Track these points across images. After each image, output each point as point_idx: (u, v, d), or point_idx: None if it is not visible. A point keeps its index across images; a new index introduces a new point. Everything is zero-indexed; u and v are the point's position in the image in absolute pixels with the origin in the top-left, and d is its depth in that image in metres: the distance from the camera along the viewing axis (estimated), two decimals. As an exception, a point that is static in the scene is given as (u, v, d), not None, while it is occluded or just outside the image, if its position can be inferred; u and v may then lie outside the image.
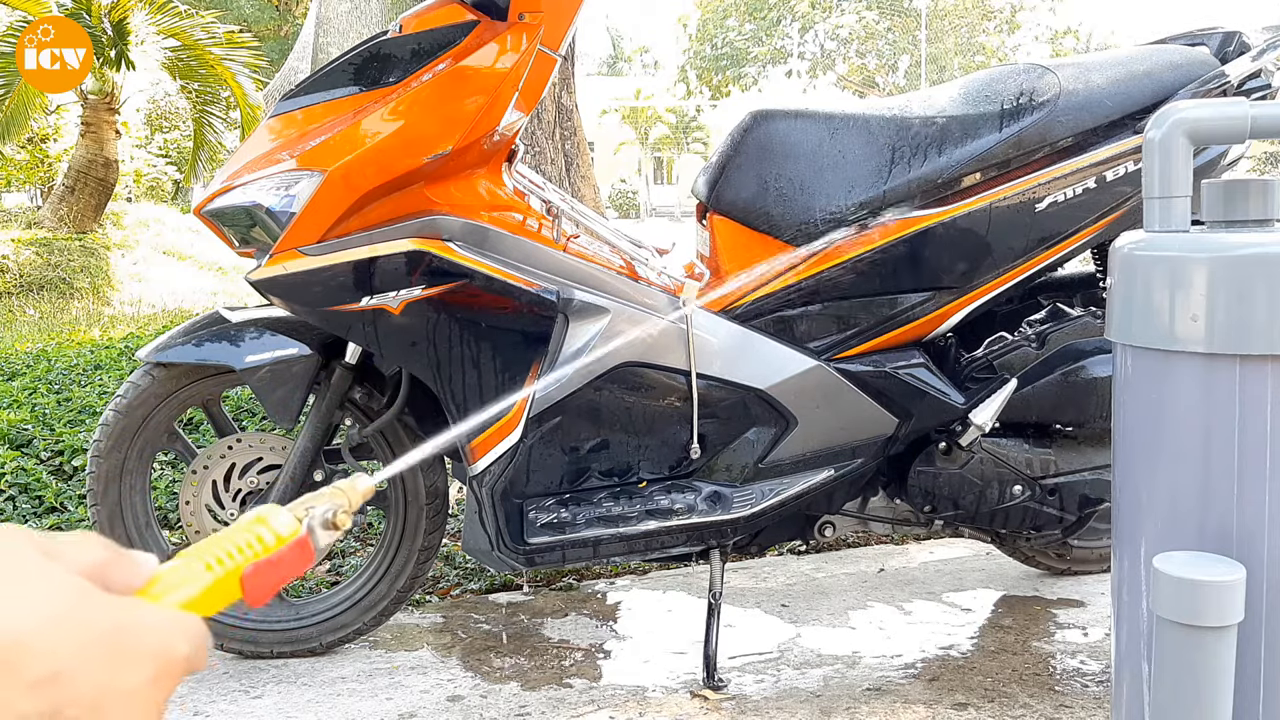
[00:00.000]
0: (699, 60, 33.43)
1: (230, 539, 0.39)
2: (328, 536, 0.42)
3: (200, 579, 0.37)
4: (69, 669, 0.29)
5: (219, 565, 0.38)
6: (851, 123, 1.65)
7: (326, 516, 0.42)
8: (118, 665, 0.31)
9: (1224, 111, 1.02)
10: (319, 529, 0.41)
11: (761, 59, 32.58)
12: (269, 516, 0.40)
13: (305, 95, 1.60)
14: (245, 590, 0.38)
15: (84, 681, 0.30)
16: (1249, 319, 0.94)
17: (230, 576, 0.38)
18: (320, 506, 0.42)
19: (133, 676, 0.31)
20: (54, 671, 0.29)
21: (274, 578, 0.39)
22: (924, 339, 1.70)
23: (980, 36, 31.33)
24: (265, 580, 0.39)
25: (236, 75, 7.78)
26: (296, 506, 0.42)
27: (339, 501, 0.43)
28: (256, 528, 0.40)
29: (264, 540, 0.39)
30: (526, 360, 1.61)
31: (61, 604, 0.30)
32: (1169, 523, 1.01)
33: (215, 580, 0.38)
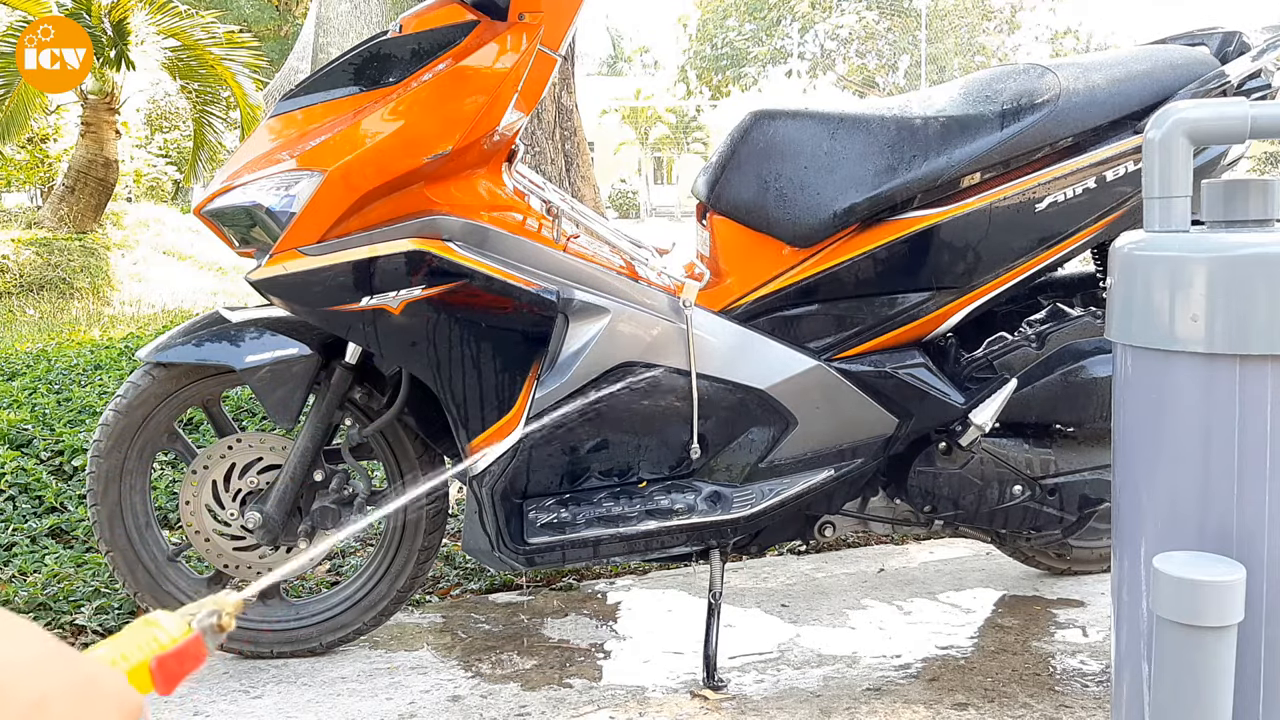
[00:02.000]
0: (699, 60, 33.43)
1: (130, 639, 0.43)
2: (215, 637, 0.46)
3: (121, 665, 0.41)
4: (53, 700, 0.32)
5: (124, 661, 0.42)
6: (851, 123, 1.65)
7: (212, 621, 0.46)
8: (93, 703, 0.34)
9: (1224, 111, 1.02)
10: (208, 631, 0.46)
11: (761, 59, 32.58)
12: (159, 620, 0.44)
13: (305, 95, 1.60)
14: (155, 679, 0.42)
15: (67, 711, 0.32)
16: (1249, 319, 0.94)
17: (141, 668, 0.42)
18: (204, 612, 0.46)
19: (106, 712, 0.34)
20: (42, 698, 0.31)
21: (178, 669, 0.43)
22: (924, 339, 1.70)
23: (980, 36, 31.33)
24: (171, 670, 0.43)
25: (236, 75, 7.78)
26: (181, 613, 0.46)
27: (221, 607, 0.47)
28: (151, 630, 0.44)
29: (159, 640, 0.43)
30: (526, 360, 1.61)
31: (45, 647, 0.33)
32: (1169, 523, 1.01)
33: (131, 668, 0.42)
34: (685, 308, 1.61)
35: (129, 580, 1.77)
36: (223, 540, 1.77)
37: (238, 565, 1.79)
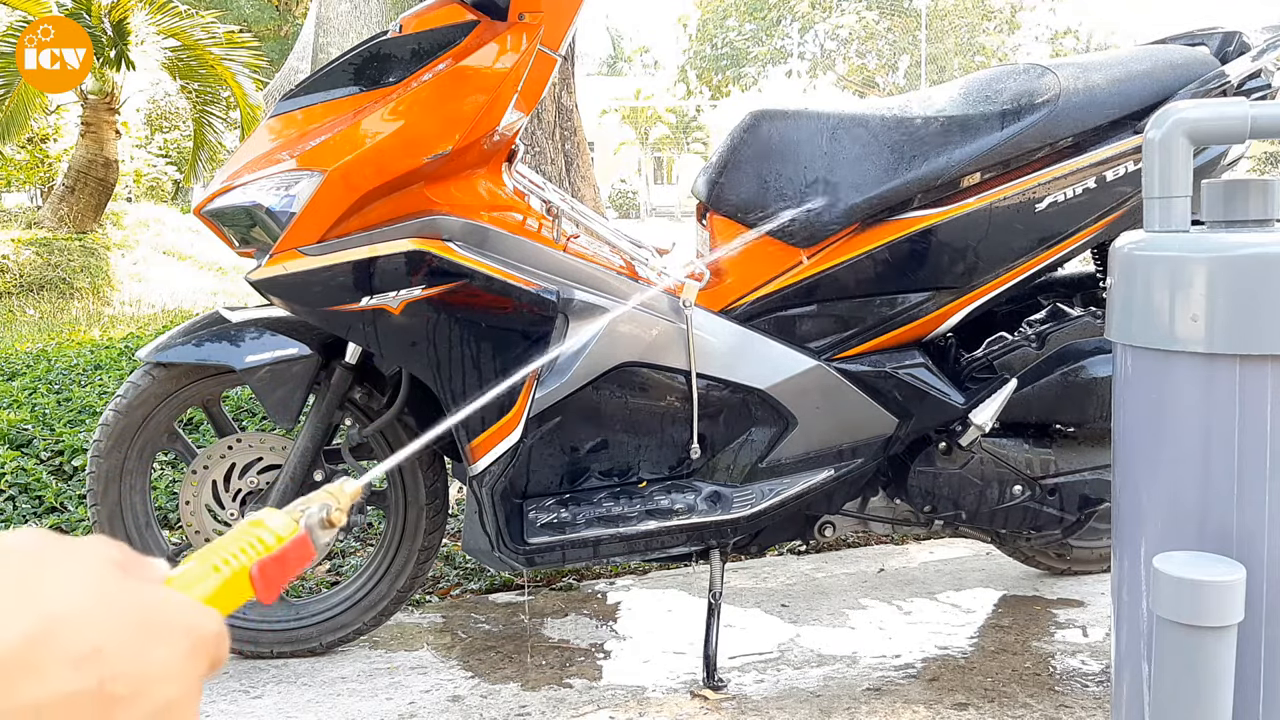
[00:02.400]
0: (699, 60, 33.42)
1: (232, 542, 0.40)
2: (325, 534, 0.43)
3: (212, 578, 0.39)
4: (109, 644, 0.30)
5: (225, 566, 0.39)
6: (851, 123, 1.65)
7: (321, 516, 0.43)
8: (154, 641, 0.31)
9: (1224, 111, 1.02)
10: (316, 527, 0.42)
11: (761, 59, 32.58)
12: (265, 519, 0.41)
13: (305, 95, 1.60)
14: (255, 586, 0.39)
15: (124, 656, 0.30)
16: (1249, 319, 0.94)
17: (239, 575, 0.39)
18: (314, 507, 0.43)
19: (169, 652, 0.32)
20: (95, 647, 0.30)
21: (280, 574, 0.40)
22: (924, 339, 1.70)
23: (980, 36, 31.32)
24: (273, 576, 0.40)
25: (236, 75, 7.77)
26: (291, 509, 0.43)
27: (330, 502, 0.44)
28: (255, 531, 0.41)
29: (264, 541, 0.40)
30: (526, 360, 1.61)
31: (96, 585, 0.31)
32: (1169, 523, 1.01)
33: (226, 579, 0.39)
34: (685, 308, 1.61)
35: (129, 580, 1.77)
36: (223, 540, 1.76)
37: (238, 565, 1.78)
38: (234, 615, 1.78)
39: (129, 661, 0.31)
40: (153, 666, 0.31)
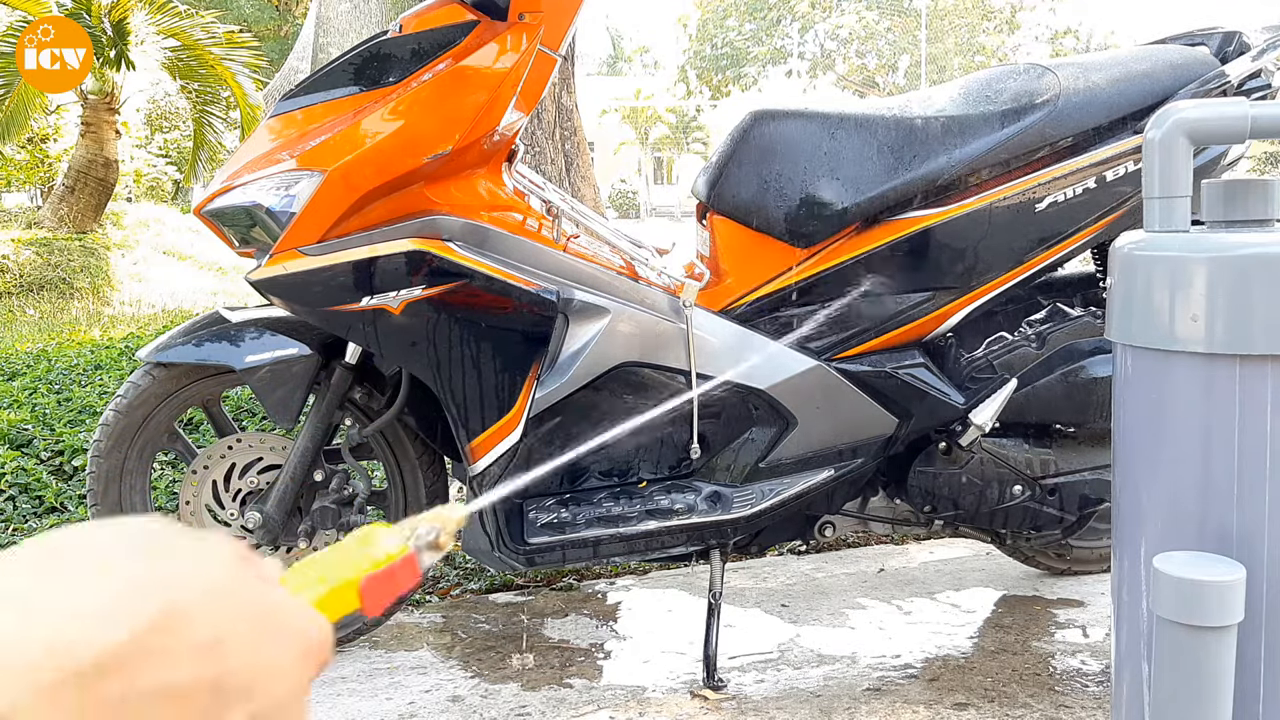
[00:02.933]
0: (699, 60, 33.43)
1: (342, 552, 0.41)
2: (431, 556, 0.43)
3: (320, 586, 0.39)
4: (231, 637, 0.30)
5: (335, 576, 0.40)
6: (851, 123, 1.65)
7: (429, 539, 0.43)
8: (271, 640, 0.32)
9: (1224, 111, 1.02)
10: (424, 549, 0.43)
11: (761, 59, 32.58)
12: (376, 535, 0.42)
13: (305, 95, 1.59)
14: (364, 600, 0.40)
15: (243, 651, 0.31)
16: (1249, 319, 0.94)
17: (349, 586, 0.40)
18: (423, 528, 0.43)
19: (284, 652, 0.32)
20: (217, 638, 0.30)
21: (388, 591, 0.41)
22: (924, 339, 1.70)
23: (980, 36, 31.33)
24: (380, 593, 0.40)
25: (236, 75, 7.77)
26: (401, 528, 0.43)
27: (438, 525, 0.44)
28: (365, 546, 0.41)
29: (374, 557, 0.41)
30: (526, 360, 1.61)
31: (221, 578, 0.31)
32: (1169, 523, 1.01)
33: (334, 588, 0.39)
34: (685, 308, 1.61)
35: (129, 580, 1.77)
36: (223, 540, 1.77)
37: (238, 565, 1.79)
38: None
39: (247, 656, 0.31)
40: (268, 664, 0.32)
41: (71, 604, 0.28)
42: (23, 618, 0.28)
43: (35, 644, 0.27)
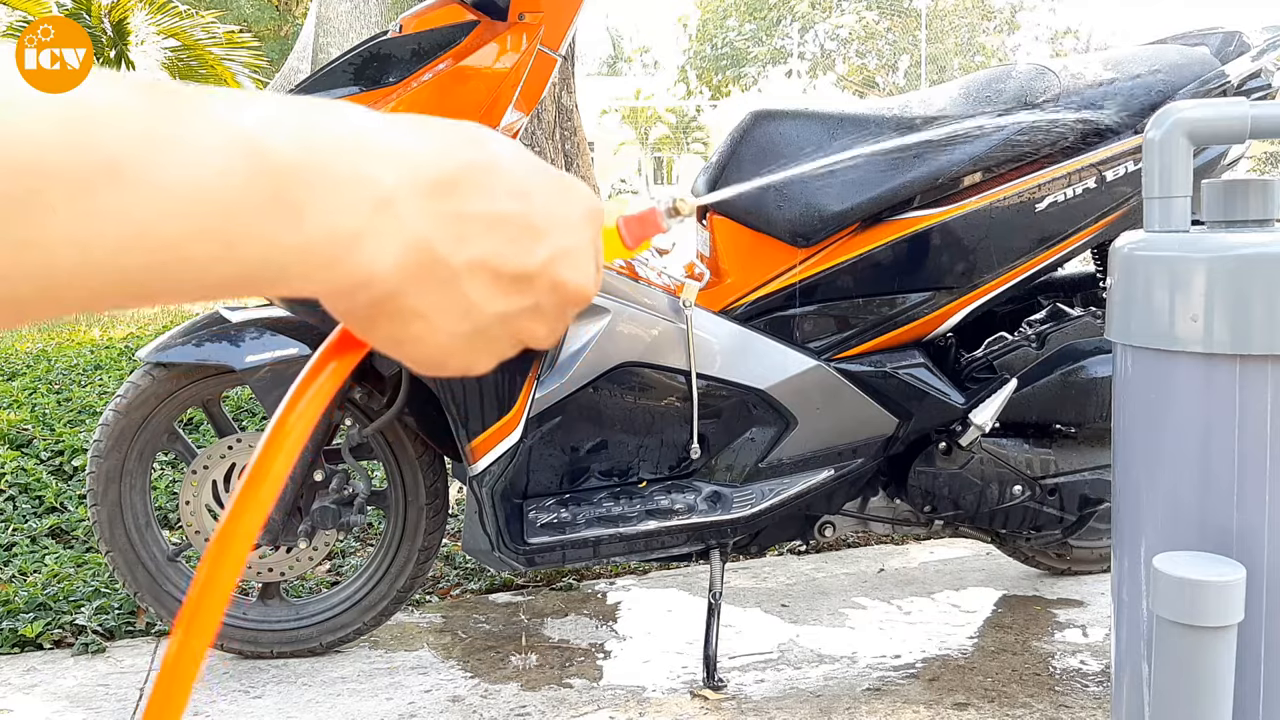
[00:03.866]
0: (699, 60, 33.43)
1: None
2: (671, 219, 0.50)
3: None
4: (534, 188, 0.37)
5: None
6: (851, 123, 1.65)
7: (669, 205, 0.50)
8: (565, 196, 0.39)
9: (1224, 111, 1.02)
10: (664, 211, 0.50)
11: (761, 59, 32.59)
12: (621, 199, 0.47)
13: (305, 95, 1.59)
14: (621, 235, 0.47)
15: (545, 200, 0.38)
16: (1248, 319, 0.94)
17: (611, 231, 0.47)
18: (660, 197, 0.50)
19: (575, 208, 0.39)
20: (525, 187, 0.37)
21: (639, 230, 0.48)
22: (924, 339, 1.70)
23: (980, 36, 31.33)
24: (633, 230, 0.47)
25: (236, 75, 7.77)
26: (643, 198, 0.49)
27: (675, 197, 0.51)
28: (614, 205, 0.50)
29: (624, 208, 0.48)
30: (526, 360, 1.61)
31: (525, 150, 0.39)
32: (1169, 523, 1.01)
33: None
34: (685, 308, 1.61)
35: (129, 580, 1.77)
36: (223, 540, 1.77)
37: (238, 565, 1.79)
38: (234, 615, 1.79)
39: (546, 204, 0.38)
40: (563, 214, 0.38)
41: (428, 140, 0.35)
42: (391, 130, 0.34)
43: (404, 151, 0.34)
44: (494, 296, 0.36)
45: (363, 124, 0.34)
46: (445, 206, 0.34)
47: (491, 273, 0.36)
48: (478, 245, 0.35)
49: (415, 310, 0.35)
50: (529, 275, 0.37)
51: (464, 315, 0.36)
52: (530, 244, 0.37)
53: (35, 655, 1.87)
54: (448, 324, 0.36)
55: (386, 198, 0.33)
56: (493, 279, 0.36)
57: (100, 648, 1.87)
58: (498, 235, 0.36)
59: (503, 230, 0.36)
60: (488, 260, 0.36)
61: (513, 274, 0.37)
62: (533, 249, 0.37)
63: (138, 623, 1.96)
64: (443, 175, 0.34)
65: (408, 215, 0.33)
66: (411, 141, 0.34)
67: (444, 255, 0.34)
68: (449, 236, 0.34)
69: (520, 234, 0.37)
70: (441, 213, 0.34)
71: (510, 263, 0.36)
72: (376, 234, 0.33)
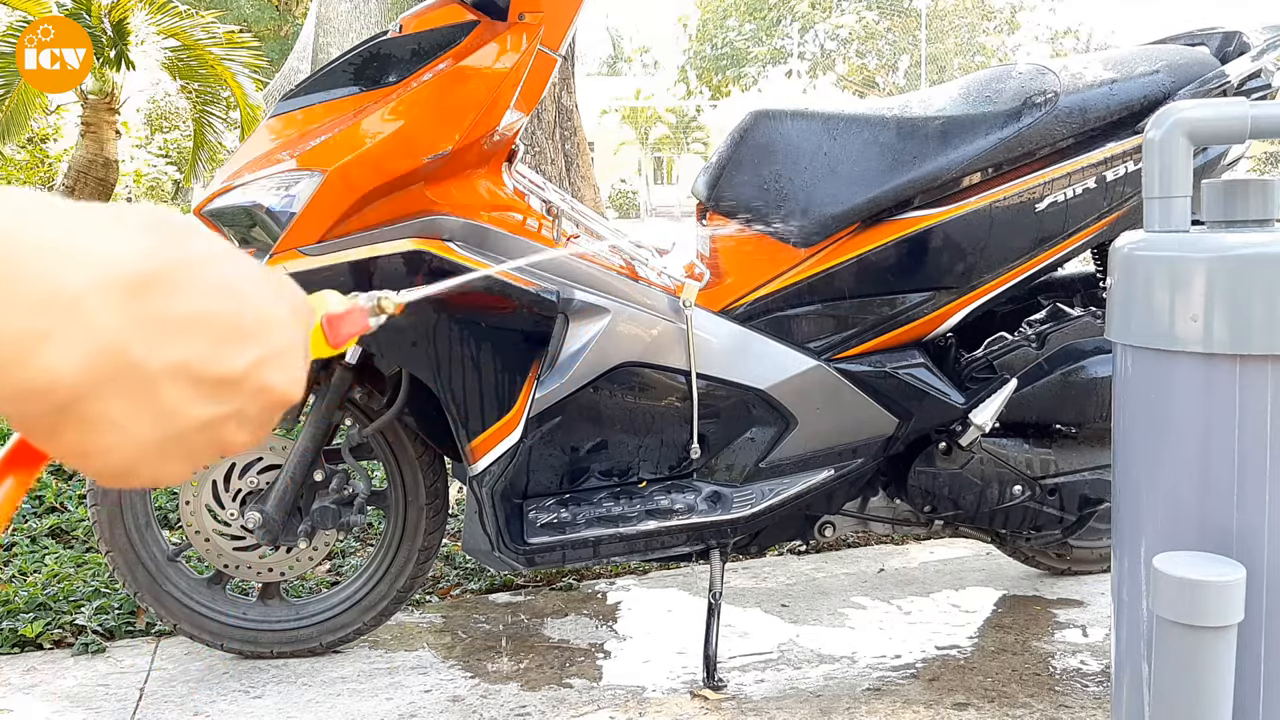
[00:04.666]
0: (699, 60, 33.44)
1: None
2: (375, 318, 0.50)
3: None
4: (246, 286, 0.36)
5: None
6: (852, 123, 1.65)
7: (372, 303, 0.50)
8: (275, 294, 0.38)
9: (1224, 111, 1.02)
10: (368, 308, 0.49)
11: (761, 59, 32.59)
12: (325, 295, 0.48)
13: (305, 95, 1.60)
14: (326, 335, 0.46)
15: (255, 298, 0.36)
16: (1248, 319, 0.94)
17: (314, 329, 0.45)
18: (363, 296, 0.50)
19: (285, 308, 0.38)
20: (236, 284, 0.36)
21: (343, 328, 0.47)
22: (924, 339, 1.70)
23: (980, 36, 31.33)
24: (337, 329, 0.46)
25: (236, 75, 7.77)
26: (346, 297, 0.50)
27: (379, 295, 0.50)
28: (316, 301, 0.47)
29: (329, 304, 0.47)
30: (526, 360, 1.61)
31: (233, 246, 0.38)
32: (1169, 523, 1.01)
33: None
34: (685, 308, 1.61)
35: (129, 580, 1.77)
36: (223, 540, 1.77)
37: (238, 565, 1.79)
38: (234, 615, 1.79)
39: (258, 304, 0.36)
40: (274, 314, 0.37)
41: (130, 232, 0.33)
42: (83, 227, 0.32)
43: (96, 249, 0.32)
44: (193, 402, 0.34)
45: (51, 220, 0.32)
46: (143, 307, 0.32)
47: (192, 377, 0.34)
48: (178, 348, 0.33)
49: (104, 418, 0.33)
50: (233, 380, 0.35)
51: (158, 422, 0.34)
52: (237, 346, 0.35)
53: (35, 655, 1.87)
54: (140, 432, 0.34)
55: (74, 298, 0.31)
56: (193, 384, 0.34)
57: (100, 648, 1.87)
58: (201, 337, 0.34)
59: (207, 332, 0.34)
60: (189, 364, 0.34)
61: (216, 378, 0.35)
62: (239, 351, 0.35)
63: (138, 623, 1.96)
64: (142, 273, 0.33)
65: (98, 317, 0.31)
66: (107, 238, 0.33)
67: (138, 359, 0.32)
68: (145, 339, 0.32)
69: (226, 336, 0.35)
70: (138, 314, 0.32)
71: (213, 366, 0.34)
72: (60, 337, 0.31)
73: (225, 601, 1.82)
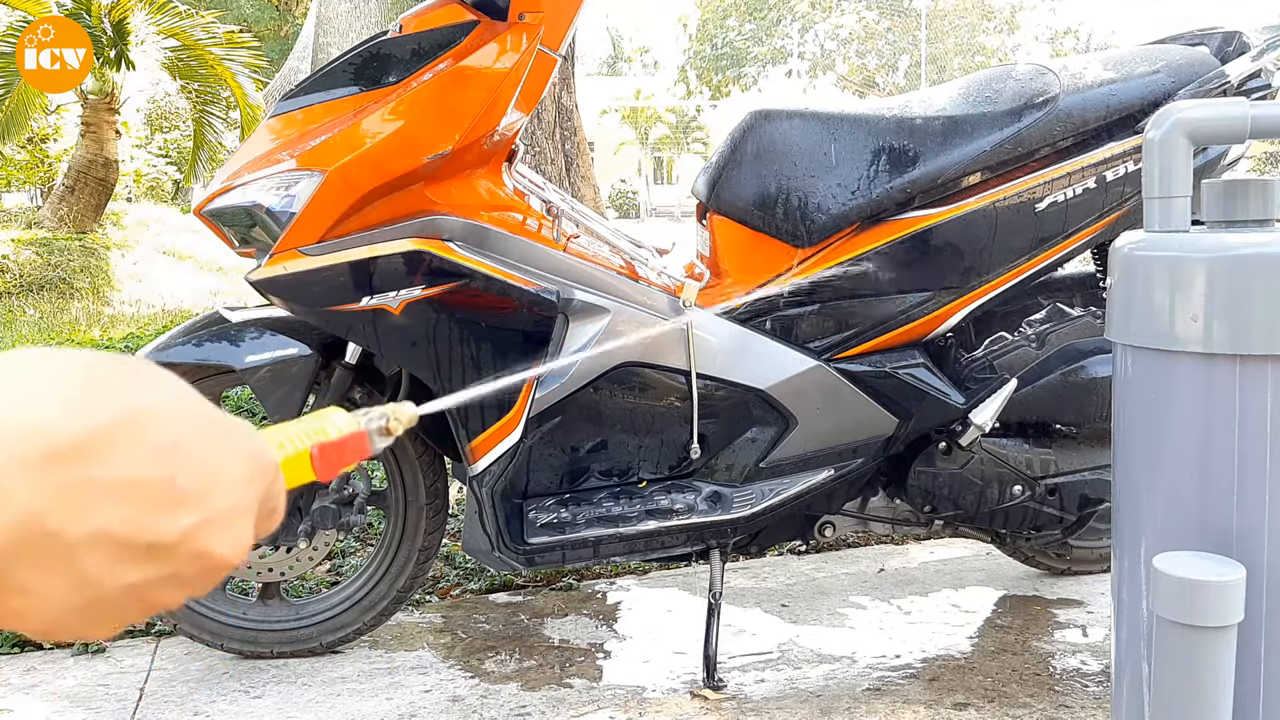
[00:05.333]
0: (699, 60, 33.45)
1: (298, 426, 0.44)
2: (381, 440, 0.46)
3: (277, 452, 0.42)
4: (185, 443, 0.33)
5: (290, 445, 0.42)
6: (851, 123, 1.65)
7: (380, 424, 0.46)
8: (223, 451, 0.35)
9: (1224, 111, 1.02)
10: (374, 432, 0.46)
11: (761, 59, 32.60)
12: (330, 414, 0.45)
13: (305, 95, 1.60)
14: (315, 465, 0.43)
15: (197, 457, 0.34)
16: (1248, 319, 0.94)
17: (301, 456, 0.42)
18: (375, 413, 0.46)
19: (234, 464, 0.35)
20: (173, 442, 0.33)
21: (337, 459, 0.43)
22: (924, 339, 1.70)
23: (980, 36, 31.33)
24: (330, 460, 0.43)
25: (236, 75, 7.77)
26: (355, 415, 0.46)
27: (390, 413, 0.47)
28: (319, 422, 0.44)
29: (326, 431, 0.44)
30: (526, 360, 1.61)
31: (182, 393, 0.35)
32: (1169, 523, 1.01)
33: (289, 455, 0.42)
34: (685, 308, 1.61)
35: (129, 580, 1.77)
36: (223, 540, 1.77)
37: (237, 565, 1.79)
38: (234, 615, 1.79)
39: (200, 463, 0.34)
40: (218, 473, 0.34)
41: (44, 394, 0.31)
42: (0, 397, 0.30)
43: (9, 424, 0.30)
44: (119, 569, 0.32)
45: None
46: (64, 475, 0.30)
47: (118, 545, 0.32)
48: (102, 515, 0.31)
49: (17, 585, 0.31)
50: (165, 546, 0.33)
51: (78, 590, 0.32)
52: (171, 511, 0.33)
53: (35, 655, 1.87)
54: (57, 598, 0.32)
55: None
56: (118, 551, 0.32)
57: (100, 648, 1.87)
58: (131, 503, 0.32)
59: (138, 497, 0.32)
60: (113, 532, 0.31)
61: (144, 545, 0.32)
62: (174, 516, 0.33)
63: (138, 622, 1.96)
64: (64, 439, 0.30)
65: (11, 491, 0.30)
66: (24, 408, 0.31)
67: (56, 529, 0.30)
68: (65, 508, 0.30)
69: (160, 500, 0.32)
70: (58, 482, 0.30)
71: (143, 533, 0.32)
72: None
73: (225, 601, 1.82)
